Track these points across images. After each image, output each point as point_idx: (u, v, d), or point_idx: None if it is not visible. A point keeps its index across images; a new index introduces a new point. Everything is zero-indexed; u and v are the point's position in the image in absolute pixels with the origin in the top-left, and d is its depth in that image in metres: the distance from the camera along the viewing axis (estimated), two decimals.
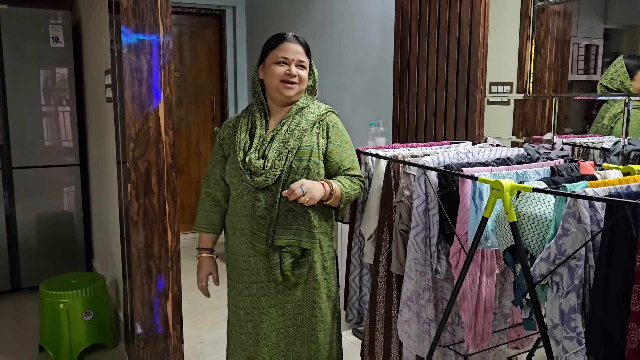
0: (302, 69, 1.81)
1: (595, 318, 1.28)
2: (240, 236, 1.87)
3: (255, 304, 1.88)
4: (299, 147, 1.79)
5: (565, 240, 1.31)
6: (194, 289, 2.12)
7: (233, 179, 1.84)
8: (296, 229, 1.79)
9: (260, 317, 1.87)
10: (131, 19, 2.20)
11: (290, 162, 1.78)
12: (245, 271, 1.88)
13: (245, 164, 1.78)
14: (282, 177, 1.78)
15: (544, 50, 2.30)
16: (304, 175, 1.77)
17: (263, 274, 1.86)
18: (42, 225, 3.81)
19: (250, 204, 1.81)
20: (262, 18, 4.88)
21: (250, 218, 1.82)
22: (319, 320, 1.87)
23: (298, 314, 1.88)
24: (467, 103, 2.57)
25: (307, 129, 1.81)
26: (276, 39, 1.82)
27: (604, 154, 2.05)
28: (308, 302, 1.87)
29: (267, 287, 1.86)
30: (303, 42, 1.83)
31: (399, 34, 3.00)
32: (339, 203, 1.84)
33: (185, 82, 5.11)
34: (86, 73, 3.70)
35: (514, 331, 1.99)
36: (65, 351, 2.77)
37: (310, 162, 1.78)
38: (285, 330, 1.88)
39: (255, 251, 1.84)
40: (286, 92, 1.79)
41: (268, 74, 1.81)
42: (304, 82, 1.83)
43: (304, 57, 1.81)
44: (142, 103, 2.26)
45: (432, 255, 1.79)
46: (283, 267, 1.80)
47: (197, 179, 5.27)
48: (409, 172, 1.89)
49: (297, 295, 1.86)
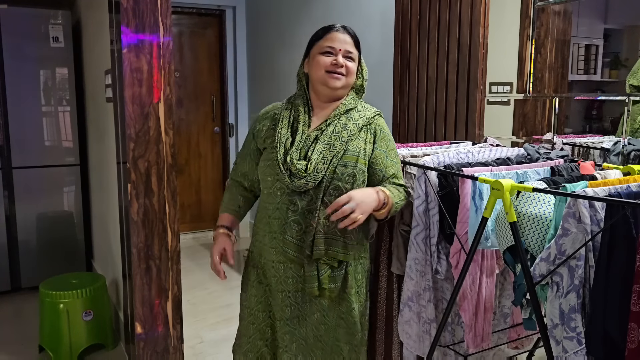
0: (351, 61, 1.67)
1: (595, 318, 1.28)
2: (271, 239, 1.70)
3: (279, 315, 1.73)
4: (345, 152, 1.64)
5: (565, 240, 1.31)
6: (194, 289, 2.11)
7: (267, 177, 1.68)
8: (333, 239, 1.64)
9: (282, 329, 1.73)
10: (131, 19, 2.20)
11: (334, 167, 1.62)
12: (273, 278, 1.72)
13: (285, 163, 1.62)
14: (323, 183, 1.62)
15: (544, 50, 2.30)
16: (348, 183, 1.62)
17: (291, 283, 1.69)
18: (42, 225, 3.80)
19: (285, 207, 1.65)
20: (262, 18, 4.88)
21: (282, 222, 1.66)
22: (345, 332, 1.72)
23: (322, 324, 1.72)
24: (467, 103, 2.57)
25: (354, 132, 1.66)
26: (323, 30, 1.68)
27: (604, 154, 2.05)
28: (335, 313, 1.72)
29: (294, 297, 1.71)
30: (352, 33, 1.69)
31: (399, 34, 3.00)
32: (387, 214, 1.66)
33: (185, 82, 5.11)
34: (86, 73, 3.70)
35: (514, 331, 1.99)
36: (65, 351, 2.77)
37: (355, 168, 1.63)
38: (306, 341, 1.74)
39: (285, 257, 1.68)
40: (332, 83, 1.64)
41: (313, 66, 1.67)
42: (351, 75, 1.68)
43: (352, 47, 1.67)
44: (142, 103, 2.26)
45: (432, 255, 1.79)
46: (321, 281, 1.64)
47: (197, 179, 5.28)
48: (409, 172, 1.89)
49: (323, 305, 1.71)
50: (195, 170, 5.27)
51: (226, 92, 5.25)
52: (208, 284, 3.93)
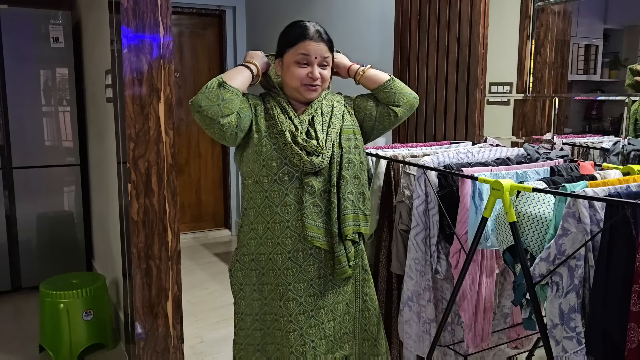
0: (325, 68, 1.66)
1: (595, 318, 1.29)
2: (284, 229, 1.63)
3: (301, 308, 1.65)
4: (342, 127, 1.68)
5: (565, 240, 1.31)
6: (194, 289, 2.11)
7: (272, 162, 1.61)
8: (353, 213, 1.65)
9: (307, 322, 1.65)
10: (131, 19, 2.20)
11: (339, 142, 1.66)
12: (289, 270, 1.64)
13: (298, 144, 1.59)
14: (334, 159, 1.63)
15: (544, 50, 2.30)
16: (356, 155, 1.67)
17: (313, 270, 1.65)
18: (42, 225, 3.81)
19: (296, 192, 1.61)
20: (262, 18, 4.88)
21: (296, 208, 1.62)
22: (372, 314, 1.74)
23: (346, 313, 1.72)
24: (467, 103, 2.57)
25: (342, 109, 1.72)
26: (295, 37, 1.62)
27: (604, 154, 2.05)
28: (359, 297, 1.73)
29: (318, 285, 1.66)
30: (326, 37, 1.65)
31: (399, 34, 3.00)
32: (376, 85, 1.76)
33: (185, 82, 5.11)
34: (86, 73, 3.70)
35: (513, 331, 1.99)
36: (66, 351, 2.77)
37: (357, 140, 1.70)
38: (334, 337, 1.70)
39: (304, 245, 1.63)
40: (308, 95, 1.65)
41: (287, 75, 1.65)
42: (326, 82, 1.69)
43: (327, 52, 1.65)
44: (142, 103, 2.26)
45: (432, 255, 1.79)
46: (349, 258, 1.64)
47: (197, 179, 5.28)
48: (409, 172, 1.90)
49: (347, 292, 1.71)
50: (195, 170, 5.27)
51: None
52: (208, 284, 3.94)
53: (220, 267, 4.37)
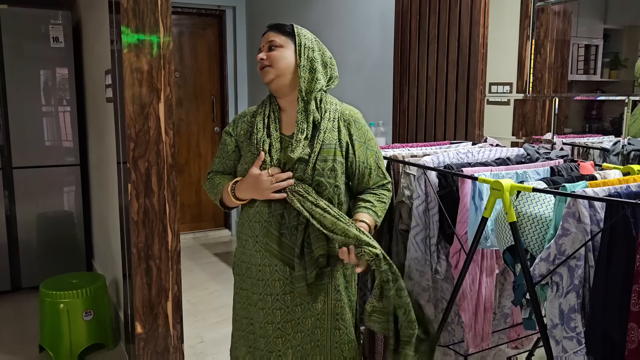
0: (274, 49, 1.65)
1: (595, 318, 1.29)
2: (254, 244, 1.68)
3: (269, 318, 1.68)
4: (321, 147, 1.62)
5: (565, 240, 1.31)
6: (194, 289, 2.11)
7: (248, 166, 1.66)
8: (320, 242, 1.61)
9: (274, 333, 1.68)
10: (131, 19, 2.20)
11: (313, 164, 1.61)
12: (260, 281, 1.69)
13: (272, 160, 1.63)
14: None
15: (544, 50, 2.30)
16: (330, 178, 1.62)
17: (279, 286, 1.67)
18: (42, 225, 3.81)
19: (265, 209, 1.64)
20: (262, 18, 4.88)
21: (264, 224, 1.65)
22: (343, 333, 1.70)
23: (317, 327, 1.69)
24: (467, 103, 2.57)
25: (326, 124, 1.64)
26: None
27: (604, 154, 2.05)
28: (330, 315, 1.69)
29: (283, 300, 1.67)
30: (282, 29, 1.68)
31: (399, 34, 3.00)
32: None
33: (185, 82, 5.11)
34: (86, 73, 3.70)
35: (513, 331, 1.99)
36: (66, 351, 2.77)
37: (335, 162, 1.62)
38: (303, 347, 1.70)
39: (270, 260, 1.66)
40: (264, 78, 1.66)
41: None
42: (278, 62, 1.63)
43: (275, 36, 1.66)
44: (142, 103, 2.26)
45: (432, 255, 1.79)
46: (308, 279, 1.61)
47: (197, 179, 5.28)
48: (409, 172, 1.89)
49: (317, 309, 1.68)
50: (195, 170, 5.27)
51: (226, 92, 5.25)
52: (208, 284, 3.94)
53: (220, 267, 4.37)
